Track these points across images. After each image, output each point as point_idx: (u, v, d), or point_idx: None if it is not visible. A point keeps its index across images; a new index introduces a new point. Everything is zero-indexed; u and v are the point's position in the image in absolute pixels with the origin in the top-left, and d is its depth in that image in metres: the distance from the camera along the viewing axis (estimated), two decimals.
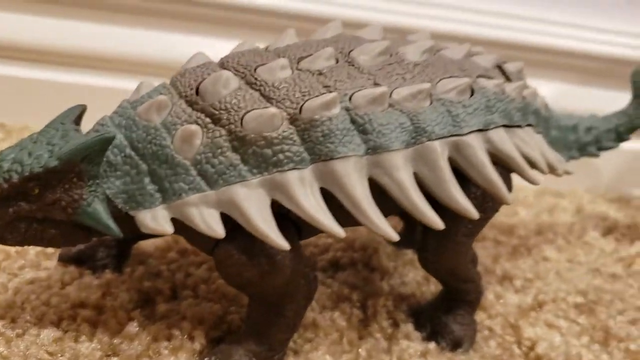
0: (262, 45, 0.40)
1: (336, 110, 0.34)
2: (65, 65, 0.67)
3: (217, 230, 0.33)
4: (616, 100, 0.60)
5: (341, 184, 0.33)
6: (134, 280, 0.45)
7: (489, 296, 0.50)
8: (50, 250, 0.47)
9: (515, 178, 0.41)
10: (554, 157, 0.44)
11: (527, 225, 0.65)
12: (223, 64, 0.37)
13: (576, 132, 0.52)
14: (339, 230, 0.33)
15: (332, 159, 0.33)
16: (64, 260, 0.46)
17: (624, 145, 0.79)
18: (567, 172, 0.46)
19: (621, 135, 0.55)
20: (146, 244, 0.50)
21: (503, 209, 0.66)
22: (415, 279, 0.51)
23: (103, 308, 0.42)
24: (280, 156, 0.33)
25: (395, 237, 0.34)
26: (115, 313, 0.41)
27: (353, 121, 0.34)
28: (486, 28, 0.71)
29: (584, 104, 0.69)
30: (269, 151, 0.33)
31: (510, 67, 0.45)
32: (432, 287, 0.49)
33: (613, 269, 0.58)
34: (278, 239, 0.32)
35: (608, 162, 0.79)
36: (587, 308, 0.51)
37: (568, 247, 0.61)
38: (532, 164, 0.40)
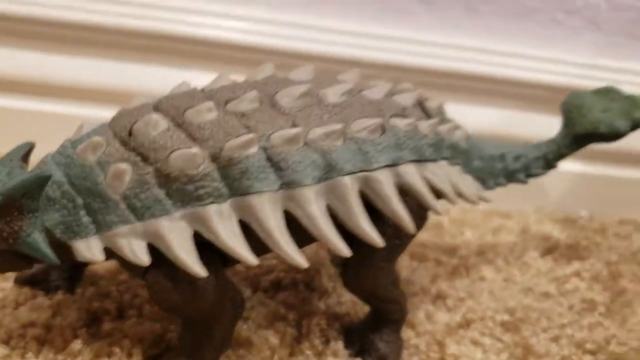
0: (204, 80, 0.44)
1: (254, 149, 0.37)
2: (29, 94, 0.72)
3: (143, 259, 0.36)
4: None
5: (256, 216, 0.37)
6: (84, 300, 0.49)
7: (419, 315, 0.53)
8: (7, 273, 0.51)
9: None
10: (469, 186, 0.48)
11: (469, 245, 0.68)
12: (156, 107, 0.40)
13: (504, 160, 0.55)
14: (252, 260, 0.37)
15: (248, 194, 0.37)
16: (19, 282, 0.50)
17: (573, 167, 0.83)
18: (484, 200, 0.50)
19: (550, 163, 0.59)
20: (98, 267, 0.53)
21: (449, 230, 0.71)
22: (352, 299, 0.54)
23: (52, 327, 0.45)
24: (201, 192, 0.37)
25: (304, 265, 0.37)
26: (63, 332, 0.45)
27: (269, 159, 0.38)
28: (432, 59, 0.75)
29: (528, 130, 0.73)
30: (191, 187, 0.36)
31: (430, 104, 0.49)
32: (366, 308, 0.53)
33: (546, 288, 0.62)
34: (195, 267, 0.36)
35: (557, 183, 0.83)
36: (513, 326, 0.54)
37: (506, 267, 0.65)
38: (441, 194, 0.43)
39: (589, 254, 0.70)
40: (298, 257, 0.37)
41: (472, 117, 0.57)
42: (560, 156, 0.59)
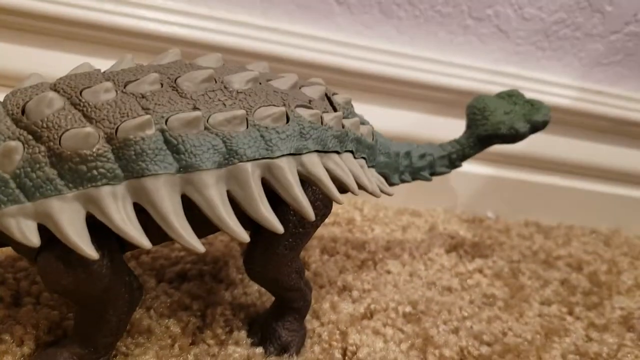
0: (103, 64, 0.43)
1: (150, 131, 0.37)
2: None
3: (33, 239, 0.35)
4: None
5: (151, 199, 0.36)
6: None
7: (324, 305, 0.54)
8: None
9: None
10: (372, 180, 0.49)
11: (378, 241, 0.70)
12: (54, 85, 0.39)
13: (409, 158, 0.57)
14: (145, 242, 0.36)
15: (143, 176, 0.36)
16: None
17: (482, 170, 0.87)
18: (386, 193, 0.51)
19: (454, 162, 0.61)
20: None
21: (361, 226, 0.72)
22: (258, 290, 0.54)
23: None
24: (95, 172, 0.36)
25: (200, 249, 0.37)
26: None
27: (167, 142, 0.37)
28: (343, 58, 0.77)
29: (435, 132, 0.76)
30: (83, 167, 0.36)
31: (338, 98, 0.49)
32: (273, 298, 0.53)
33: (449, 282, 0.64)
34: (87, 249, 0.35)
35: (468, 185, 0.87)
36: (415, 317, 0.56)
37: (412, 262, 0.67)
38: (343, 185, 0.44)
39: (492, 252, 0.73)
40: (194, 241, 0.37)
41: (381, 118, 0.59)
42: (464, 156, 0.61)
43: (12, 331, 0.43)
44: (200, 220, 0.38)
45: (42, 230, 0.36)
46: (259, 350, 0.47)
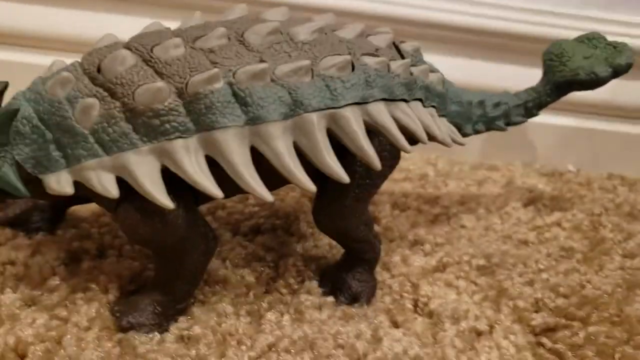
0: (173, 24, 0.44)
1: (219, 84, 0.38)
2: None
3: (112, 191, 0.37)
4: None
5: (221, 151, 0.37)
6: (64, 240, 0.50)
7: (395, 258, 0.54)
8: None
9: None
10: (443, 129, 0.48)
11: (452, 196, 0.69)
12: (127, 44, 0.41)
13: (483, 107, 0.56)
14: (216, 192, 0.37)
15: (213, 129, 0.37)
16: (1, 223, 0.51)
17: (563, 121, 0.83)
18: (458, 143, 0.50)
19: (530, 111, 0.59)
20: (82, 209, 0.54)
21: (434, 182, 0.71)
22: (329, 243, 0.55)
23: (30, 265, 0.46)
24: (167, 126, 0.37)
25: (269, 198, 0.38)
26: (41, 269, 0.46)
27: (235, 95, 0.38)
28: (412, 8, 0.75)
29: (510, 82, 0.73)
30: (156, 121, 0.37)
31: (406, 46, 0.49)
32: (342, 250, 0.54)
33: (525, 236, 0.62)
34: (163, 199, 0.37)
35: (546, 136, 0.84)
36: (489, 270, 0.55)
37: (487, 216, 0.66)
38: (412, 134, 0.44)
39: (572, 205, 0.71)
40: (262, 190, 0.38)
41: (451, 69, 0.57)
42: (541, 104, 0.59)
43: (98, 281, 0.45)
44: (269, 173, 0.39)
45: (120, 182, 0.38)
46: (330, 299, 0.48)
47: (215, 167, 0.38)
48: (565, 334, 0.47)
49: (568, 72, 0.57)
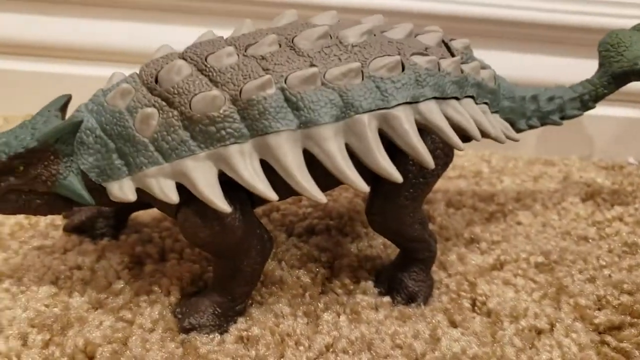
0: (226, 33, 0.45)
1: (271, 90, 0.39)
2: (63, 59, 0.77)
3: (172, 197, 0.38)
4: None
5: (275, 154, 0.38)
6: (127, 245, 0.52)
7: (451, 257, 0.54)
8: (58, 222, 0.54)
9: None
10: (496, 125, 0.47)
11: (508, 193, 0.68)
12: (182, 54, 0.42)
13: (536, 101, 0.55)
14: (271, 195, 0.38)
15: (267, 133, 0.38)
16: (68, 230, 0.53)
17: (621, 112, 0.81)
18: (512, 139, 0.49)
19: (586, 104, 0.57)
20: (143, 215, 0.56)
21: (488, 178, 0.70)
22: (383, 243, 0.55)
23: (96, 269, 0.48)
24: (223, 132, 0.38)
25: (323, 200, 0.39)
26: (106, 273, 0.48)
27: (287, 99, 0.39)
28: (460, 5, 0.74)
29: (564, 77, 0.72)
30: (213, 128, 0.38)
31: (456, 43, 0.48)
32: (397, 250, 0.54)
33: (585, 231, 0.61)
34: (220, 203, 0.38)
35: (604, 129, 0.81)
36: (548, 267, 0.54)
37: (545, 212, 0.64)
38: (464, 132, 0.43)
39: (634, 199, 0.69)
40: (316, 192, 0.38)
41: (502, 64, 0.56)
42: (597, 97, 0.58)
43: (160, 283, 0.47)
44: (321, 174, 0.40)
45: (180, 188, 0.39)
46: (387, 299, 0.48)
47: (269, 171, 0.39)
48: (631, 332, 0.46)
49: (625, 63, 0.56)
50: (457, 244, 0.57)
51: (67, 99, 0.44)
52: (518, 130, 0.54)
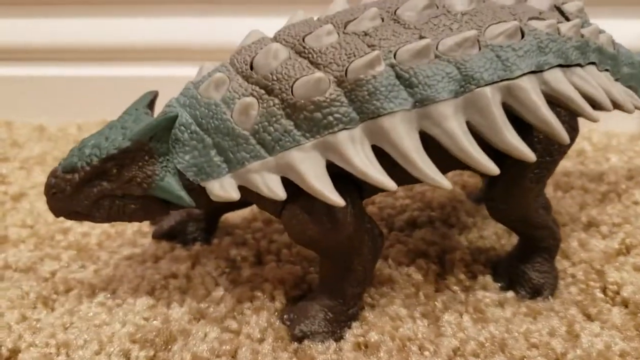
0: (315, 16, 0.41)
1: (380, 68, 0.35)
2: (138, 60, 0.75)
3: (279, 193, 0.35)
4: None
5: (389, 138, 0.34)
6: (221, 249, 0.49)
7: (572, 244, 0.49)
8: (145, 229, 0.52)
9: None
10: (622, 93, 0.42)
11: (617, 171, 0.62)
12: (275, 38, 0.39)
13: None
14: (389, 184, 0.34)
15: (379, 115, 0.34)
16: (157, 236, 0.50)
17: None
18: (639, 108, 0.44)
19: None
20: (233, 216, 0.53)
21: (593, 157, 0.64)
22: (495, 233, 0.51)
23: (192, 277, 0.45)
24: (330, 118, 0.34)
25: (448, 186, 0.34)
26: (203, 280, 0.45)
27: (398, 76, 0.35)
28: None
29: None
30: (319, 114, 0.34)
31: (569, 7, 0.43)
32: (512, 240, 0.49)
33: None
34: (333, 196, 0.34)
35: None
36: None
37: None
38: (594, 102, 0.39)
39: None
40: (439, 177, 0.34)
41: (617, 30, 0.50)
42: None
43: (262, 288, 0.44)
44: (436, 158, 0.35)
45: (285, 183, 0.35)
46: (510, 294, 0.43)
47: (378, 157, 0.35)
48: None
49: None
50: (575, 230, 0.51)
51: (154, 95, 0.41)
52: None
